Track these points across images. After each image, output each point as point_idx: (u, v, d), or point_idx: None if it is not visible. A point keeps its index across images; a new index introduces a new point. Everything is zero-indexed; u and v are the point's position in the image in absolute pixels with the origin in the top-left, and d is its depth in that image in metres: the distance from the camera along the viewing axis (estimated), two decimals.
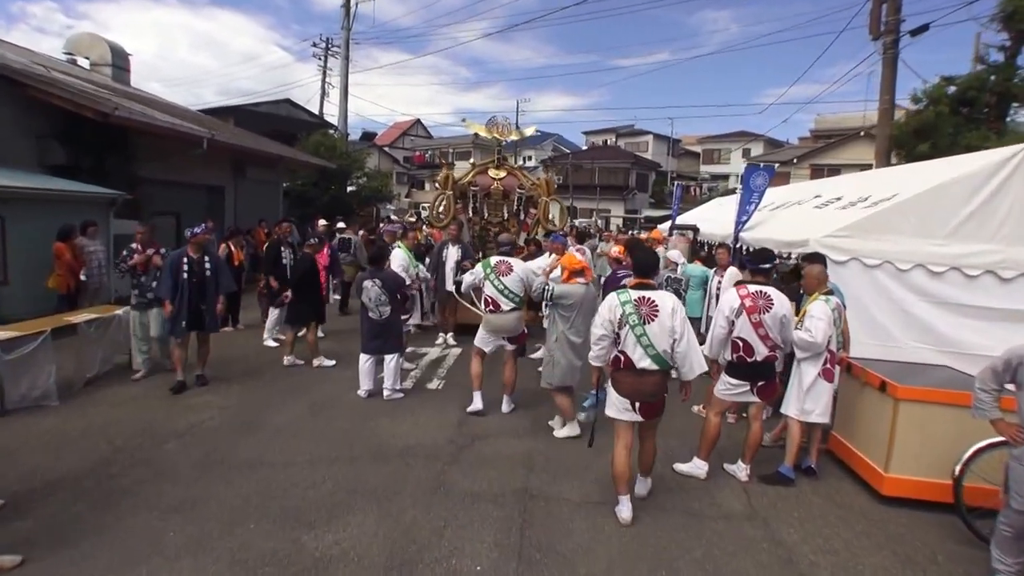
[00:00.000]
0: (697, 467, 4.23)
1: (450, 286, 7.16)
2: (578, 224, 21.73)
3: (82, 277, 7.56)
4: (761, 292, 4.01)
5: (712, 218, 11.08)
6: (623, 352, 3.55)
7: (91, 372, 5.71)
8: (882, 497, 3.90)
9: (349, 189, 20.67)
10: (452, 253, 7.45)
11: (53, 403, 5.10)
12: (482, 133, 9.38)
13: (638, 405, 3.55)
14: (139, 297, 5.99)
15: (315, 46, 26.21)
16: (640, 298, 3.54)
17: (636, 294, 3.57)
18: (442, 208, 8.78)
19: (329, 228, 10.09)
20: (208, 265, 5.71)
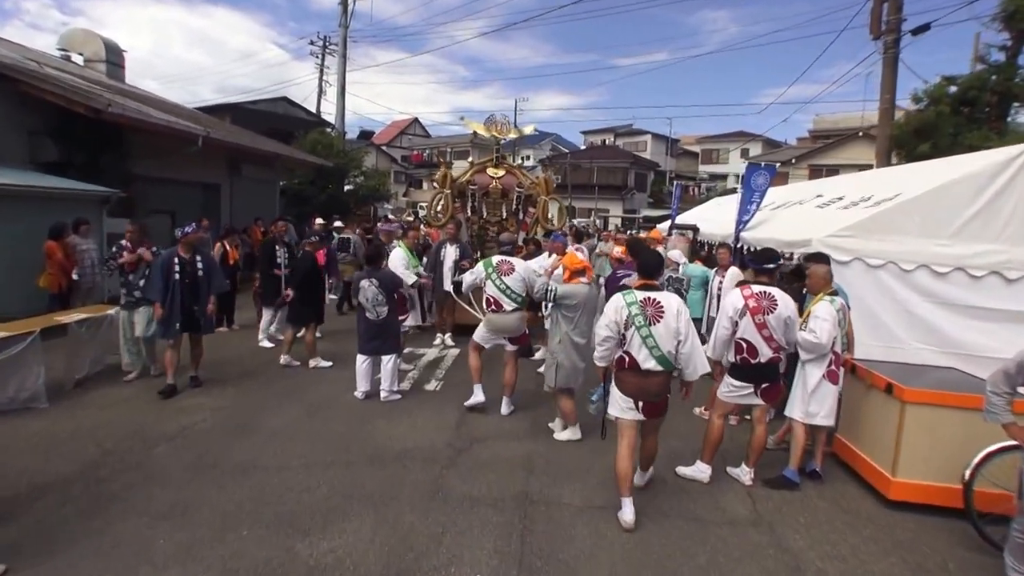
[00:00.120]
0: (700, 470, 4.15)
1: (448, 286, 7.07)
2: (576, 223, 21.63)
3: (74, 276, 7.46)
4: (765, 292, 3.93)
5: (711, 218, 11.01)
6: (628, 353, 3.54)
7: (81, 373, 5.61)
8: (889, 501, 3.83)
9: (346, 188, 20.57)
10: (450, 253, 7.36)
11: (42, 405, 4.98)
12: (481, 131, 9.29)
13: (641, 404, 3.56)
14: (127, 296, 5.85)
15: (312, 44, 26.15)
16: (646, 299, 3.54)
17: (642, 295, 3.56)
18: (440, 207, 8.69)
19: (325, 227, 9.97)
20: (200, 265, 5.58)
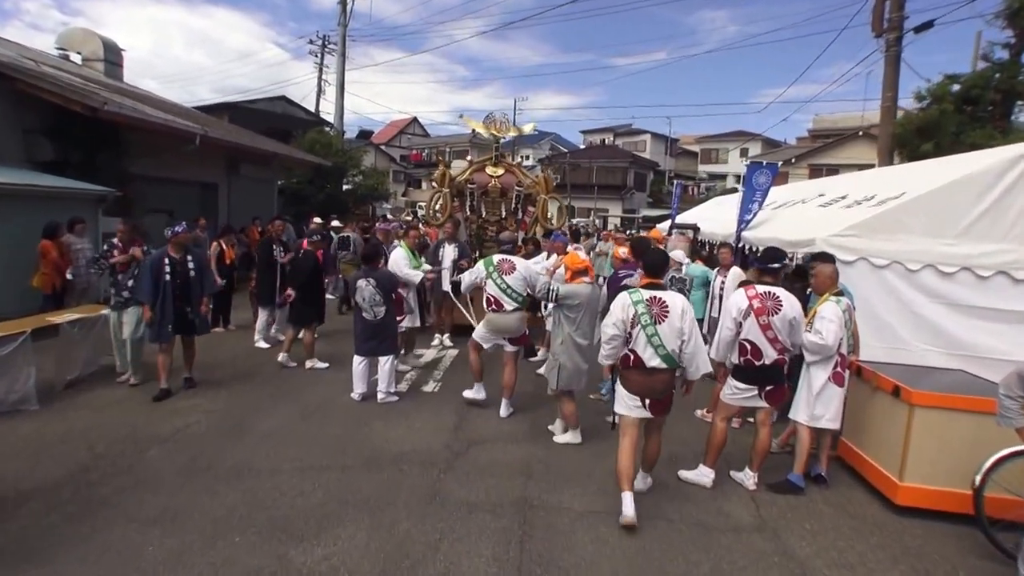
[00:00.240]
0: (703, 475, 4.07)
1: (446, 286, 6.98)
2: (575, 223, 21.56)
3: (69, 276, 7.36)
4: (770, 293, 3.85)
5: (711, 217, 10.93)
6: (633, 351, 3.60)
7: (73, 374, 5.52)
8: (896, 507, 3.75)
9: (345, 187, 20.48)
10: (448, 252, 7.27)
11: (32, 407, 4.90)
12: (480, 130, 9.21)
13: (648, 402, 3.61)
14: (116, 297, 5.70)
15: (311, 43, 26.02)
16: (651, 298, 3.59)
17: (648, 294, 3.62)
18: (438, 206, 8.60)
19: (323, 227, 9.87)
20: (191, 265, 5.44)
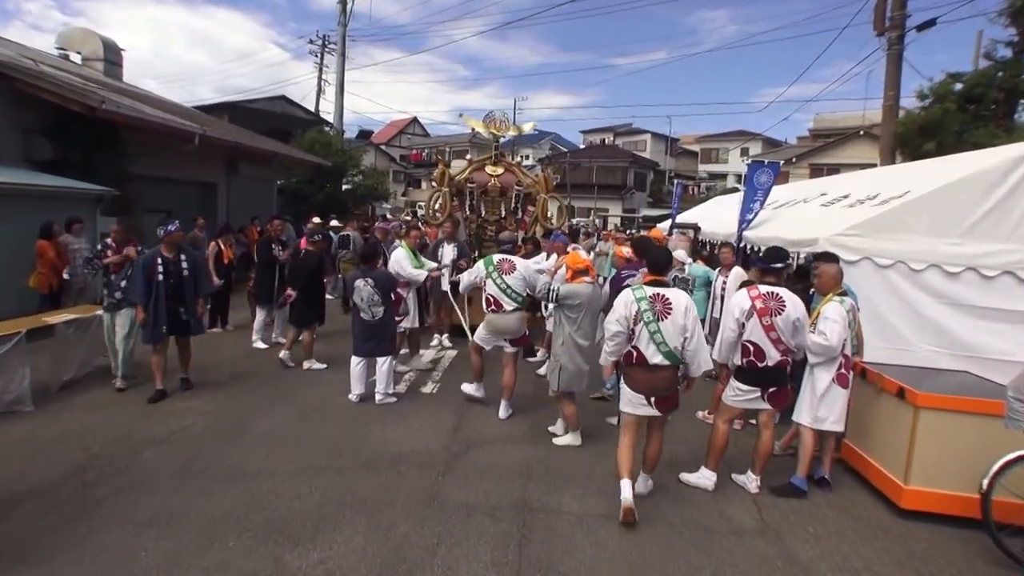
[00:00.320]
0: (704, 477, 4.01)
1: (445, 286, 6.94)
2: (574, 222, 21.49)
3: (65, 276, 7.32)
4: (773, 293, 3.80)
5: (711, 217, 10.89)
6: (636, 347, 3.61)
7: (68, 375, 5.46)
8: (901, 510, 3.70)
9: (344, 187, 20.43)
10: (448, 252, 7.21)
11: (27, 408, 4.85)
12: (479, 129, 9.15)
13: (654, 400, 3.62)
14: (108, 298, 5.59)
15: (311, 43, 25.99)
16: (655, 295, 3.61)
17: (651, 291, 3.63)
18: (438, 205, 8.54)
19: (321, 226, 9.81)
20: (185, 264, 5.34)
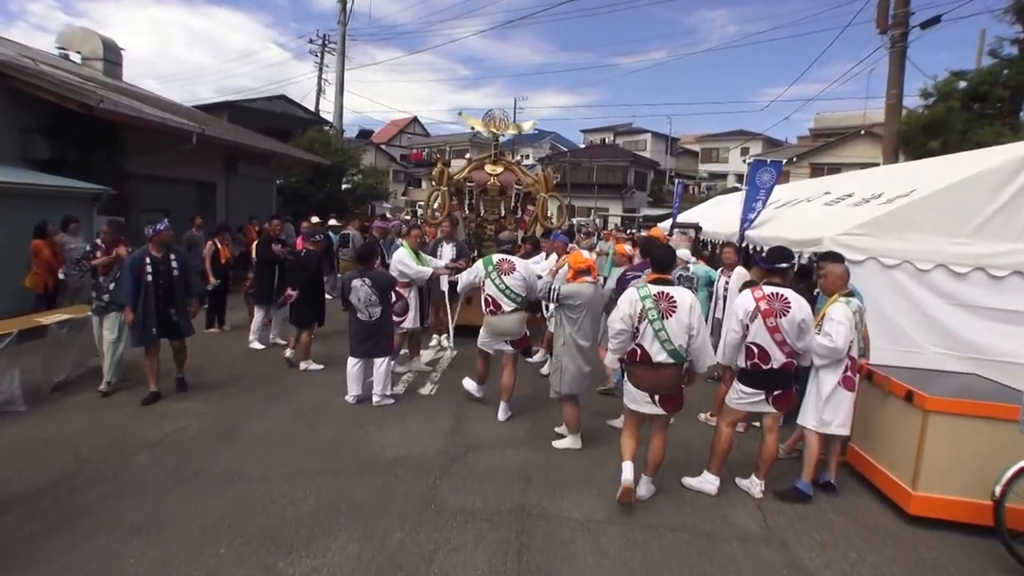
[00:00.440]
0: (707, 482, 3.93)
1: (444, 286, 6.85)
2: (574, 222, 21.37)
3: (61, 276, 7.24)
4: (777, 294, 3.71)
5: (712, 216, 10.79)
6: (640, 345, 3.59)
7: (61, 376, 5.38)
8: (909, 517, 3.60)
9: (344, 186, 20.35)
10: (446, 251, 7.13)
11: (20, 408, 4.79)
12: (479, 127, 9.06)
13: (658, 398, 3.60)
14: (96, 300, 5.38)
15: (311, 43, 25.93)
16: (659, 293, 3.60)
17: (655, 289, 3.62)
18: (437, 204, 8.45)
19: (318, 225, 9.70)
20: (175, 264, 5.19)
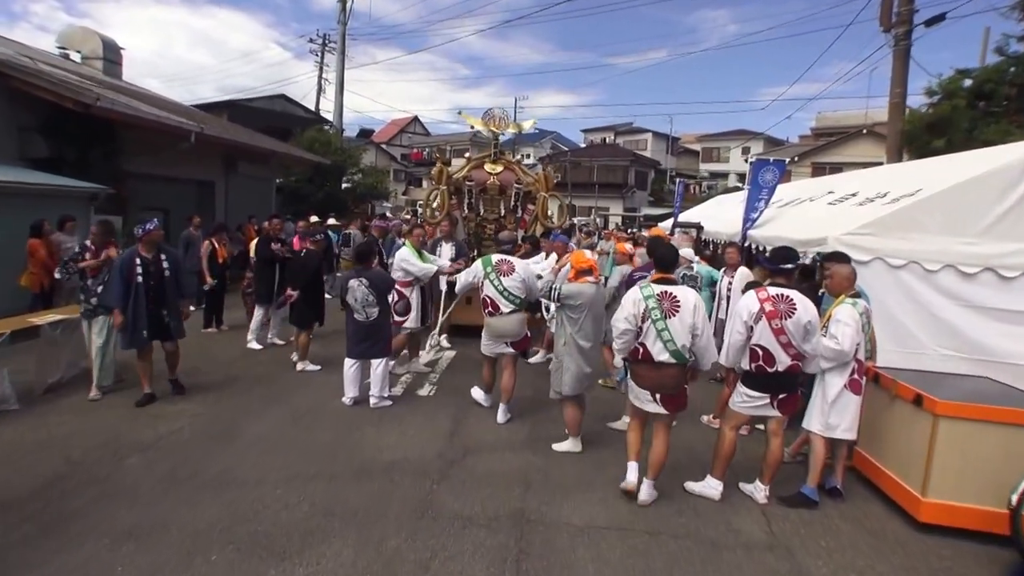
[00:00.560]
0: (710, 487, 3.84)
1: (443, 286, 6.77)
2: (574, 221, 21.27)
3: (56, 275, 7.16)
4: (782, 296, 3.62)
5: (713, 216, 10.70)
6: (643, 344, 3.60)
7: (54, 377, 5.30)
8: (918, 524, 3.51)
9: (344, 186, 20.30)
10: (445, 251, 7.04)
11: (12, 407, 4.73)
12: (478, 126, 8.96)
13: (659, 397, 3.60)
14: (85, 303, 5.23)
15: (312, 42, 25.94)
16: (662, 293, 3.59)
17: (659, 288, 3.61)
18: (436, 204, 8.36)
19: (315, 225, 9.62)
20: (166, 265, 5.05)
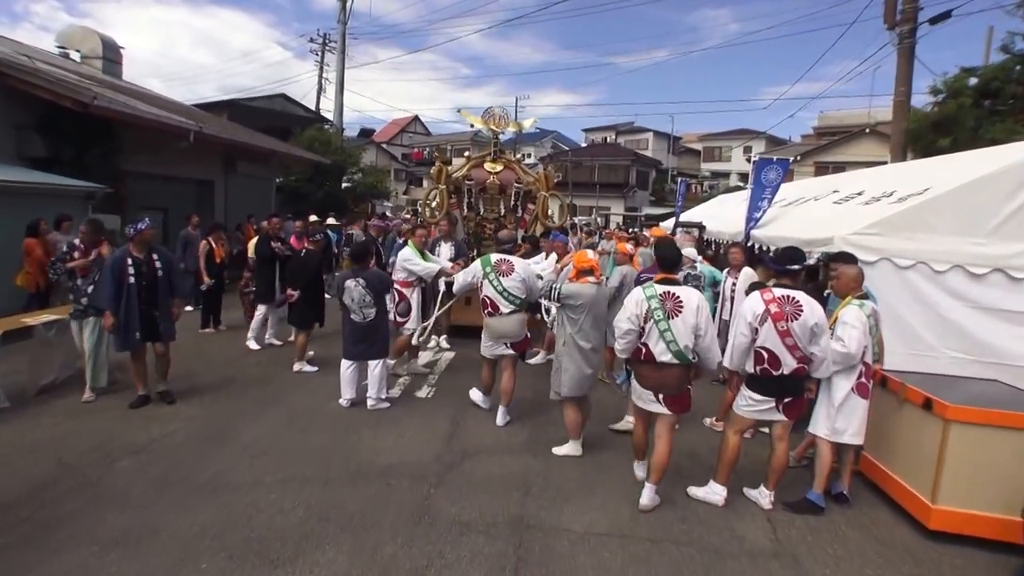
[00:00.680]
0: (714, 492, 3.76)
1: (441, 286, 6.69)
2: (575, 221, 21.17)
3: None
4: (788, 297, 3.53)
5: (714, 216, 10.60)
6: (645, 344, 3.58)
7: (48, 378, 5.22)
8: (928, 531, 3.42)
9: (344, 185, 20.23)
10: (444, 251, 6.96)
11: (3, 404, 4.69)
12: (478, 125, 8.86)
13: (662, 397, 3.58)
14: (75, 304, 5.11)
15: (312, 41, 25.87)
16: (665, 293, 3.55)
17: (662, 289, 3.58)
18: (435, 203, 8.28)
19: (312, 224, 9.54)
20: (159, 265, 4.94)
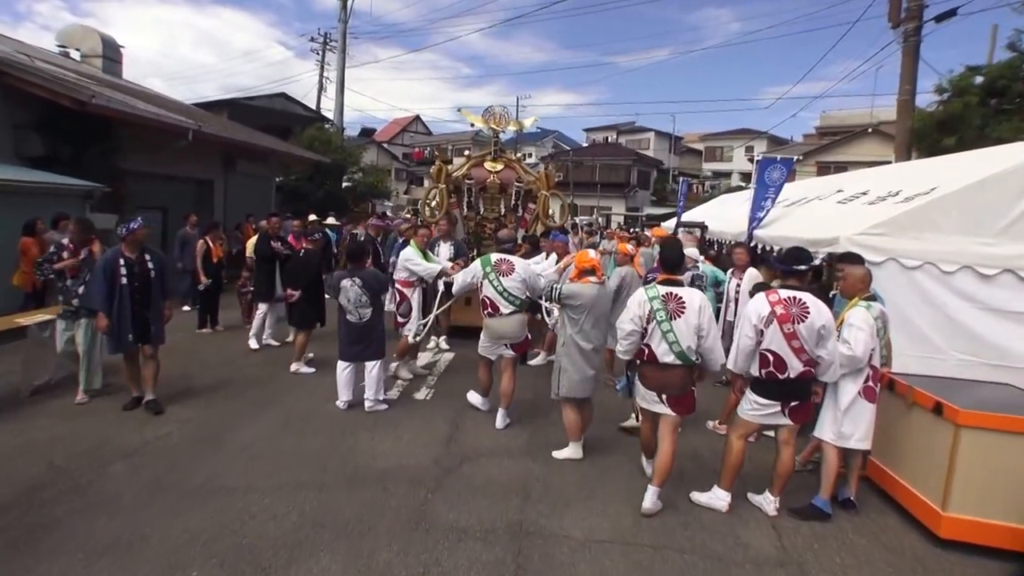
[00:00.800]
0: (718, 498, 3.67)
1: (439, 285, 6.61)
2: (577, 220, 21.07)
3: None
4: (795, 299, 3.44)
5: (716, 215, 10.53)
6: (648, 345, 3.57)
7: (42, 379, 5.16)
8: (938, 539, 3.34)
9: (344, 184, 20.18)
10: (444, 251, 6.88)
11: None
12: (478, 124, 8.79)
13: (666, 397, 3.56)
14: (65, 305, 5.01)
15: (313, 41, 25.83)
16: (668, 294, 3.54)
17: (664, 290, 3.56)
18: (435, 203, 8.20)
19: (310, 223, 9.46)
20: (152, 265, 4.83)
